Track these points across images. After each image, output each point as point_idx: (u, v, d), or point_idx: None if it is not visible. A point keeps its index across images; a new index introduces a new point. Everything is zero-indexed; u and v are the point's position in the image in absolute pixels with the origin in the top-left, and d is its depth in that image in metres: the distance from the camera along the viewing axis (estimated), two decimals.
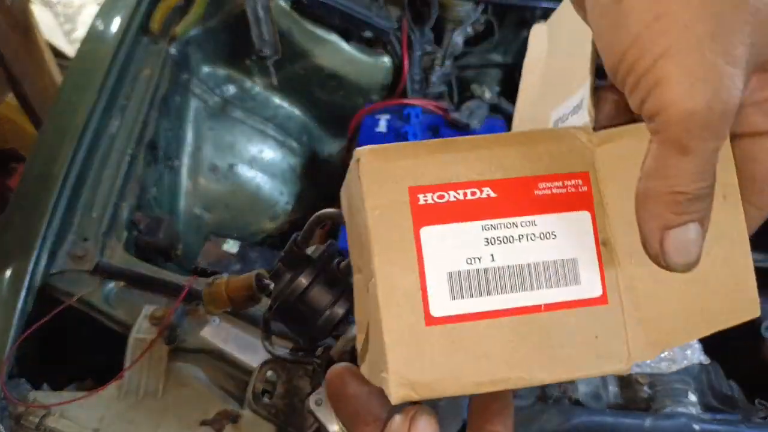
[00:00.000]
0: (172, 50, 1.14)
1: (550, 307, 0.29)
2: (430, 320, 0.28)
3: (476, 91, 1.23)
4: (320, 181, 1.31)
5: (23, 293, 0.82)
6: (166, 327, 0.79)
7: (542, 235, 0.29)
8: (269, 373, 0.72)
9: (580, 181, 0.30)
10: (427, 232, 0.28)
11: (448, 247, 0.28)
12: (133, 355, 0.78)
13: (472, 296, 0.28)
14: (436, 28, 1.26)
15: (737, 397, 0.80)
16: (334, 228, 1.03)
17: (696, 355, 0.29)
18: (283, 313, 0.59)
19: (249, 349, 0.80)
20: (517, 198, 0.29)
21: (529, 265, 0.29)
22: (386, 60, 1.26)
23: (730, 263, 0.31)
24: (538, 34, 0.44)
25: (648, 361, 0.32)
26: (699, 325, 0.31)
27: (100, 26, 1.10)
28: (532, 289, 0.29)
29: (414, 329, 0.27)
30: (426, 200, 0.28)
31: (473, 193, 0.28)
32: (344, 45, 1.25)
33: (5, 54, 1.41)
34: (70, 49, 2.09)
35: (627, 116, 0.31)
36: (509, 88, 1.34)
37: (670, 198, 0.27)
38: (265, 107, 1.31)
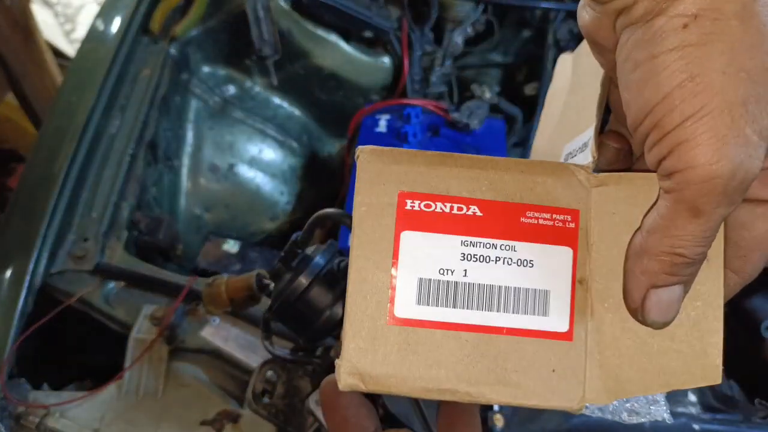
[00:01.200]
0: (172, 50, 1.14)
1: (513, 332, 0.29)
2: (393, 319, 0.29)
3: (476, 91, 1.22)
4: (320, 181, 1.31)
5: (23, 293, 0.82)
6: (166, 327, 0.79)
7: (520, 262, 0.30)
8: (269, 373, 0.72)
9: (569, 218, 0.30)
10: (408, 237, 0.29)
11: (425, 254, 0.29)
12: (133, 355, 0.78)
13: (437, 305, 0.29)
14: (436, 28, 1.26)
15: (737, 397, 0.81)
16: (334, 228, 1.03)
17: (660, 412, 0.28)
18: (283, 313, 0.59)
19: (249, 349, 0.80)
20: (502, 222, 0.30)
21: (499, 288, 0.30)
22: (386, 60, 1.26)
23: (701, 326, 0.31)
24: (565, 63, 0.44)
25: (609, 407, 0.33)
26: (657, 381, 0.31)
27: (100, 26, 1.11)
28: (498, 311, 0.29)
29: (375, 324, 0.29)
30: (413, 206, 0.30)
31: (459, 209, 0.30)
32: (344, 45, 1.24)
33: (5, 54, 1.41)
34: (70, 49, 2.09)
35: (625, 164, 0.32)
36: (509, 88, 1.34)
37: (667, 258, 0.26)
38: (265, 107, 1.31)
